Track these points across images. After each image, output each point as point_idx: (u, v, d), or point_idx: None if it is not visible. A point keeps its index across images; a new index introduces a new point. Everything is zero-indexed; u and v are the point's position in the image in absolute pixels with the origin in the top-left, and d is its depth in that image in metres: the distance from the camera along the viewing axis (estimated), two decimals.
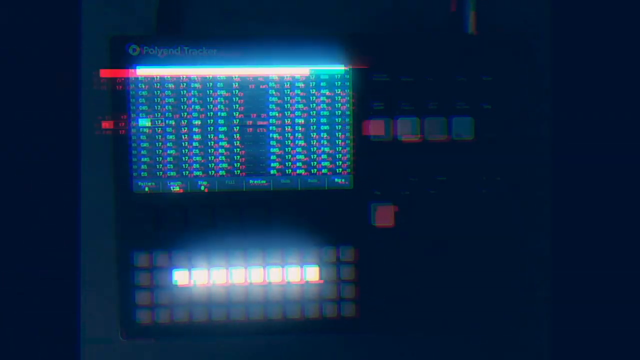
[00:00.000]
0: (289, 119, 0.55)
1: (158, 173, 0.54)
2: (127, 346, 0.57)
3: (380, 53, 0.55)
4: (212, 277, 0.54)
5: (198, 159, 0.54)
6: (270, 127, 0.55)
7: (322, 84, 0.55)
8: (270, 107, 0.54)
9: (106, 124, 0.54)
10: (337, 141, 0.55)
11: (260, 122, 0.54)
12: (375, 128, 0.55)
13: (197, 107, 0.54)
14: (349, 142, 0.55)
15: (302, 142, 0.55)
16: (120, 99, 0.53)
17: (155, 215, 0.54)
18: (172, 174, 0.54)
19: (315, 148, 0.55)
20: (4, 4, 0.56)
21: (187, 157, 0.54)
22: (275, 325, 0.55)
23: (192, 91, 0.54)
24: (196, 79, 0.54)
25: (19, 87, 0.56)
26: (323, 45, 0.54)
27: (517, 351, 0.59)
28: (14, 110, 0.56)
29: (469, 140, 0.55)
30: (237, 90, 0.54)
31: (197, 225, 0.54)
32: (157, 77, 0.53)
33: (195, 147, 0.54)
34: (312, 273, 0.55)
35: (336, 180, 0.55)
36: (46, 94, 0.56)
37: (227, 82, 0.54)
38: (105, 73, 0.53)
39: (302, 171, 0.55)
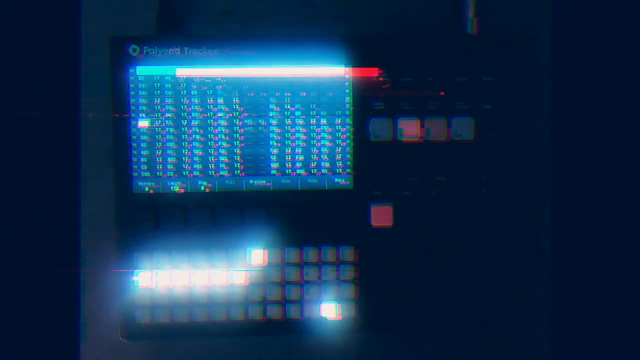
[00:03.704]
0: (289, 119, 0.55)
1: (158, 173, 0.54)
2: (127, 346, 0.57)
3: (380, 53, 0.55)
4: (212, 277, 0.54)
5: (198, 159, 0.54)
6: (270, 127, 0.55)
7: (322, 84, 0.55)
8: (270, 107, 0.54)
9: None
10: (337, 141, 0.55)
11: (260, 122, 0.54)
12: (375, 128, 0.55)
13: (197, 107, 0.54)
14: (349, 142, 0.55)
15: (302, 142, 0.55)
16: (120, 99, 0.53)
17: (155, 215, 0.54)
18: (172, 174, 0.54)
19: (315, 148, 0.55)
20: (4, 4, 0.56)
21: (187, 157, 0.54)
22: (274, 325, 0.55)
23: (192, 91, 0.54)
24: (196, 79, 0.54)
25: (19, 87, 0.56)
26: (323, 46, 0.54)
27: (517, 351, 0.59)
28: (14, 110, 0.56)
29: (469, 140, 0.55)
30: (237, 91, 0.54)
31: (197, 225, 0.54)
32: (157, 77, 0.54)
33: (196, 147, 0.54)
34: (312, 273, 0.55)
35: (336, 180, 0.55)
36: (46, 93, 0.56)
37: (227, 82, 0.54)
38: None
39: (302, 171, 0.55)
